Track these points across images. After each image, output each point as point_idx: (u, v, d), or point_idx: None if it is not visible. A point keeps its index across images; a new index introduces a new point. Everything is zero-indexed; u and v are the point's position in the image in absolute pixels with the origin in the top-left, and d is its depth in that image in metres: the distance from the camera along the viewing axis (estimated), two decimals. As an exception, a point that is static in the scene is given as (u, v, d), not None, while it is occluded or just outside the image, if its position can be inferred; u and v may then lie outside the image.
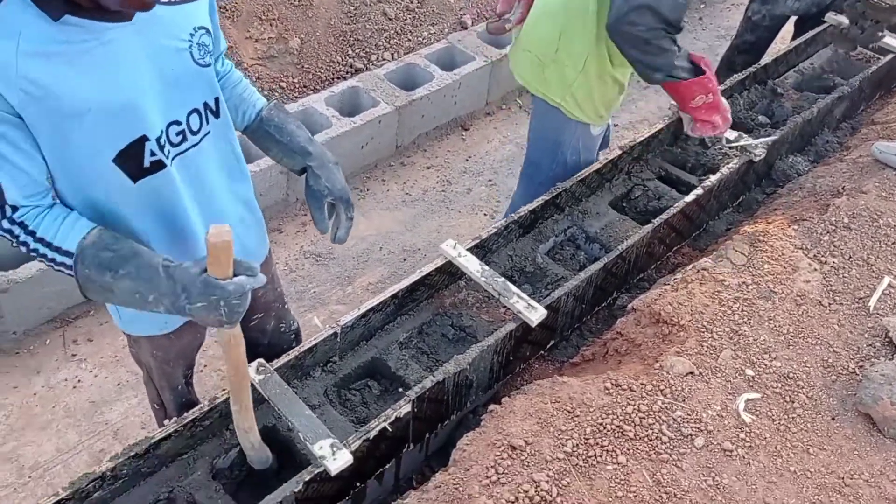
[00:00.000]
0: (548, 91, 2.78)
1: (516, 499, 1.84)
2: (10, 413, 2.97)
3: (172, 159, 1.75)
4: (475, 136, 4.37)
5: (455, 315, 2.53)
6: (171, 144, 1.75)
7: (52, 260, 1.61)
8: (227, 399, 2.09)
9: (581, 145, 2.89)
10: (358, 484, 2.18)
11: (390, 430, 2.08)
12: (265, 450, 2.07)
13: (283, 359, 2.19)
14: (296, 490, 1.92)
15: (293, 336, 2.49)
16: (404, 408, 2.10)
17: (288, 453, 2.25)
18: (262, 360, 2.12)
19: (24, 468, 2.83)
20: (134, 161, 1.68)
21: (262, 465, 2.10)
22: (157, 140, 1.68)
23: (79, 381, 3.08)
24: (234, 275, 1.53)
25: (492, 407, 2.18)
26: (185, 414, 2.05)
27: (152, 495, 2.04)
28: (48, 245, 1.60)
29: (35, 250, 1.61)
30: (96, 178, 1.66)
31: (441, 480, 1.95)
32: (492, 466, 1.91)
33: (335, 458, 1.93)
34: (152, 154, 1.69)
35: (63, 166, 1.62)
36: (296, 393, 2.09)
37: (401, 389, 2.32)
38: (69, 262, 1.59)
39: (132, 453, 1.95)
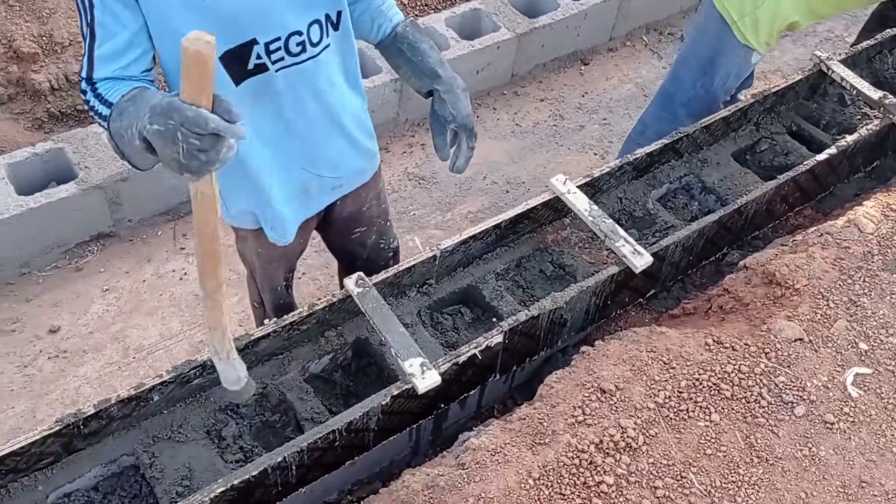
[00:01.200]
0: (729, 5, 2.68)
1: (601, 441, 1.81)
2: (121, 296, 3.13)
3: (282, 69, 1.74)
4: (594, 71, 4.22)
5: (556, 252, 2.48)
6: (290, 54, 1.74)
7: (101, 114, 1.57)
8: (325, 307, 2.14)
9: (734, 72, 2.82)
10: (442, 405, 2.20)
11: (480, 357, 2.08)
12: (238, 366, 1.78)
13: (382, 275, 2.21)
14: (383, 403, 1.95)
15: (391, 254, 2.50)
16: (496, 338, 2.09)
17: (377, 367, 2.29)
18: (361, 274, 2.14)
19: (129, 349, 2.99)
20: (238, 63, 1.68)
21: (231, 384, 1.81)
22: (266, 45, 1.68)
23: (185, 273, 3.21)
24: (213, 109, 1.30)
25: (584, 348, 2.14)
26: (285, 316, 2.10)
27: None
28: (102, 100, 1.59)
29: (93, 107, 1.61)
30: None
31: (525, 413, 1.95)
32: (579, 406, 1.89)
33: (424, 377, 1.95)
34: (258, 57, 1.69)
35: (172, 57, 1.64)
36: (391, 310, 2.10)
37: (494, 319, 2.30)
38: (106, 114, 1.55)
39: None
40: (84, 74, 1.63)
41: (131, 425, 2.00)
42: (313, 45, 1.77)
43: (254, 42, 1.66)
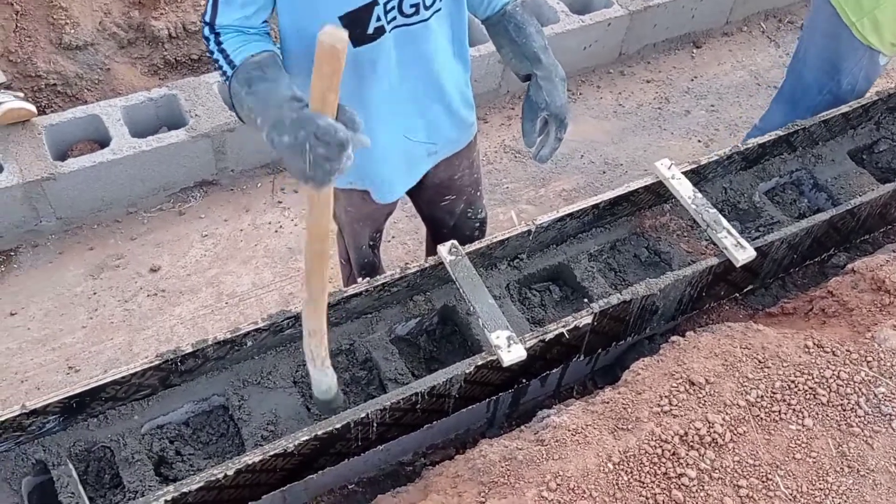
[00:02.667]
0: (845, 4, 2.52)
1: (686, 433, 1.78)
2: (218, 243, 3.23)
3: (394, 29, 1.74)
4: (706, 55, 4.07)
5: (653, 238, 2.43)
6: (403, 14, 1.74)
7: (225, 73, 1.63)
8: (417, 271, 2.16)
9: (861, 76, 2.62)
10: (523, 380, 2.20)
11: (567, 336, 2.07)
12: (330, 373, 1.85)
13: (475, 245, 2.21)
14: (467, 371, 1.96)
15: (478, 224, 2.49)
16: (585, 319, 2.07)
17: (461, 336, 2.31)
18: (455, 242, 2.14)
19: (222, 294, 3.10)
20: (358, 26, 1.69)
21: (321, 394, 1.90)
22: (385, 5, 1.68)
23: (281, 226, 3.29)
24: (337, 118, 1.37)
25: (674, 338, 2.10)
26: (378, 277, 2.13)
27: (335, 343, 2.16)
28: (226, 56, 1.62)
29: (216, 60, 1.65)
30: None
31: (609, 397, 1.93)
32: (666, 396, 1.86)
33: (510, 350, 1.95)
34: (377, 20, 1.69)
35: (294, 13, 1.67)
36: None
37: (585, 301, 2.28)
38: (228, 73, 1.61)
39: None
40: (207, 19, 1.66)
41: (224, 367, 2.08)
42: (426, 7, 1.76)
43: (374, 3, 1.67)
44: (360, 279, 2.44)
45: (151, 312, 3.01)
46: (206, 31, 1.67)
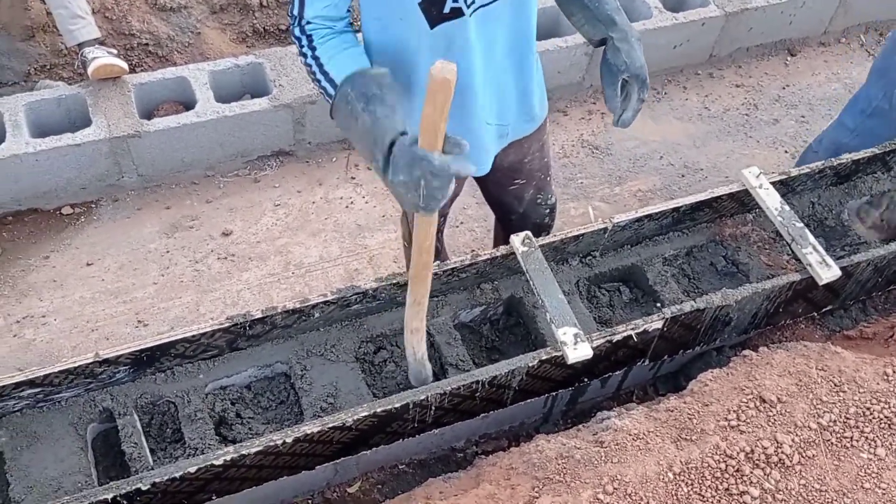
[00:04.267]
0: None
1: (752, 451, 1.73)
2: (290, 213, 3.27)
3: (473, 11, 1.72)
4: (800, 64, 3.93)
5: (731, 247, 2.36)
6: None
7: (317, 80, 1.65)
8: (487, 259, 2.14)
9: None
10: (584, 379, 2.17)
11: (635, 339, 2.03)
12: (427, 366, 2.00)
13: (548, 238, 2.18)
14: (530, 364, 1.94)
15: (548, 210, 2.43)
16: (655, 323, 2.02)
17: (524, 328, 2.28)
18: (528, 234, 2.12)
19: (289, 264, 3.13)
20: (436, 5, 1.67)
21: (418, 383, 2.03)
22: None
23: (352, 202, 3.31)
24: (444, 152, 1.43)
25: (746, 352, 2.04)
26: (448, 261, 2.12)
27: (399, 323, 2.17)
28: (320, 65, 1.64)
29: (309, 66, 1.66)
30: (399, 18, 1.68)
31: (674, 405, 1.88)
32: (734, 410, 1.81)
33: (576, 348, 1.92)
34: (454, 0, 1.67)
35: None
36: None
37: (659, 305, 2.23)
38: (330, 89, 1.62)
39: (395, 281, 2.06)
40: (295, 12, 1.65)
41: (290, 336, 2.10)
42: None
43: None
44: None
45: (220, 275, 3.07)
46: (296, 30, 1.67)
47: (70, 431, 1.92)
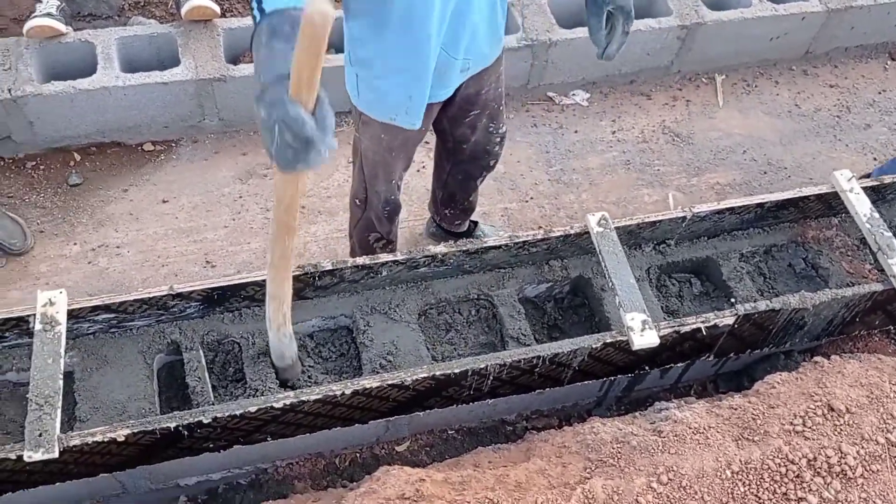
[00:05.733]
0: None
1: (815, 458, 1.68)
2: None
3: None
4: (901, 69, 3.77)
5: (813, 250, 2.29)
6: None
7: (252, 8, 1.49)
8: (560, 236, 2.12)
9: None
10: (646, 367, 2.14)
11: (704, 333, 1.99)
12: (285, 342, 1.83)
13: (624, 222, 2.15)
14: (594, 346, 1.92)
15: (499, 139, 2.39)
16: (727, 319, 1.98)
17: (589, 309, 2.26)
18: (605, 215, 2.08)
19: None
20: None
21: (277, 361, 1.89)
22: None
23: (423, 166, 3.30)
24: (314, 112, 1.28)
25: (817, 359, 1.99)
26: (519, 234, 2.10)
27: (464, 290, 2.17)
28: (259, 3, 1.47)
29: (252, 8, 1.51)
30: None
31: (738, 404, 1.84)
32: (800, 416, 1.76)
33: (642, 334, 1.89)
34: None
35: None
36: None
37: (732, 300, 2.18)
38: (257, 19, 1.46)
39: (465, 248, 2.06)
40: None
41: (356, 291, 2.12)
42: None
43: None
44: (382, 218, 2.38)
45: (289, 225, 3.10)
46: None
47: (138, 359, 1.98)
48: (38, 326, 1.76)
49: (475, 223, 2.94)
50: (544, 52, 3.28)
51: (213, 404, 1.90)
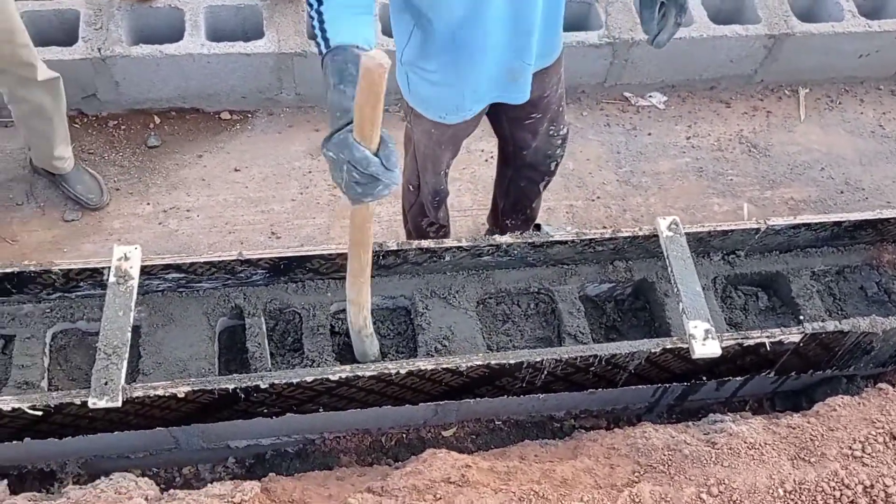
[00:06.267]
0: None
1: (871, 485, 1.64)
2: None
3: None
4: None
5: (887, 275, 2.22)
6: None
7: (315, 34, 1.56)
8: (628, 237, 2.10)
9: None
10: (703, 377, 2.10)
11: (768, 348, 1.94)
12: (367, 342, 1.95)
13: (694, 228, 2.11)
14: (653, 350, 1.90)
15: (560, 141, 2.37)
16: (792, 336, 1.93)
17: (650, 314, 2.23)
18: (676, 219, 2.06)
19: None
20: None
21: (361, 358, 2.01)
22: None
23: (492, 156, 3.28)
24: (377, 152, 1.38)
25: (882, 385, 1.93)
26: (585, 231, 2.09)
27: (524, 283, 2.17)
28: (321, 21, 1.54)
29: (311, 17, 1.56)
30: None
31: (796, 423, 1.80)
32: (860, 441, 1.71)
33: (704, 344, 1.86)
34: None
35: None
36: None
37: (800, 318, 2.13)
38: (323, 49, 1.53)
39: (530, 240, 2.05)
40: None
41: (417, 273, 2.13)
42: None
43: None
44: (431, 206, 2.44)
45: (354, 204, 3.13)
46: None
47: (202, 320, 2.03)
48: (111, 279, 1.82)
49: (538, 226, 2.92)
50: (625, 50, 3.24)
51: (270, 371, 1.94)
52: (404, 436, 2.32)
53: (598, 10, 3.26)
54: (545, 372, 1.94)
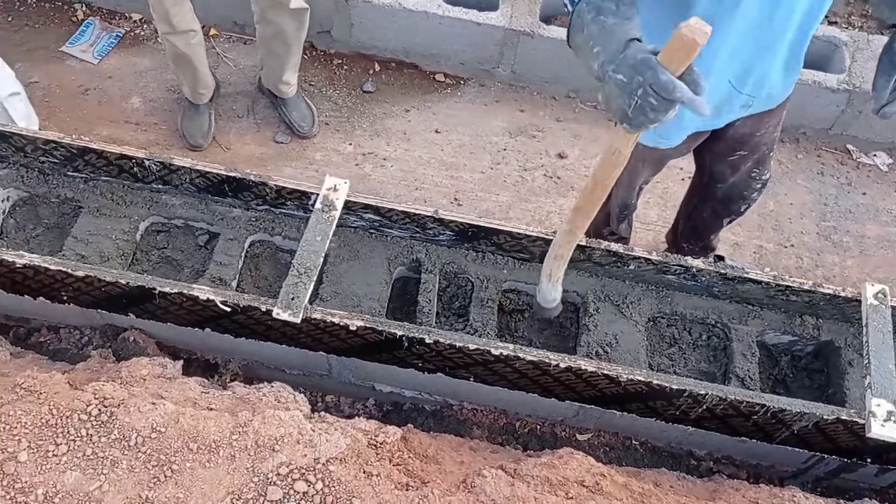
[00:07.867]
0: None
1: None
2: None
3: None
4: None
5: None
6: None
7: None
8: (827, 294, 1.99)
9: None
10: (868, 458, 1.97)
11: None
12: (558, 288, 1.92)
13: (901, 302, 1.97)
14: (825, 416, 1.79)
15: (760, 185, 2.26)
16: None
17: (825, 378, 2.11)
18: (885, 289, 1.91)
19: (605, 209, 3.13)
20: None
21: (545, 303, 1.96)
22: None
23: (690, 174, 3.20)
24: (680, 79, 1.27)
25: None
26: (778, 275, 1.99)
27: (703, 312, 2.10)
28: None
29: None
30: None
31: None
32: None
33: (884, 424, 1.74)
34: None
35: None
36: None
37: None
38: (570, 6, 1.47)
39: (723, 271, 1.98)
40: None
41: (596, 274, 2.12)
42: None
43: None
44: (615, 217, 2.41)
45: (540, 191, 3.15)
46: None
47: (383, 264, 2.11)
48: (318, 206, 1.92)
49: (720, 257, 2.82)
50: (862, 102, 3.04)
51: (434, 328, 1.99)
52: (538, 427, 2.33)
53: (843, 53, 3.07)
54: (704, 406, 1.88)
